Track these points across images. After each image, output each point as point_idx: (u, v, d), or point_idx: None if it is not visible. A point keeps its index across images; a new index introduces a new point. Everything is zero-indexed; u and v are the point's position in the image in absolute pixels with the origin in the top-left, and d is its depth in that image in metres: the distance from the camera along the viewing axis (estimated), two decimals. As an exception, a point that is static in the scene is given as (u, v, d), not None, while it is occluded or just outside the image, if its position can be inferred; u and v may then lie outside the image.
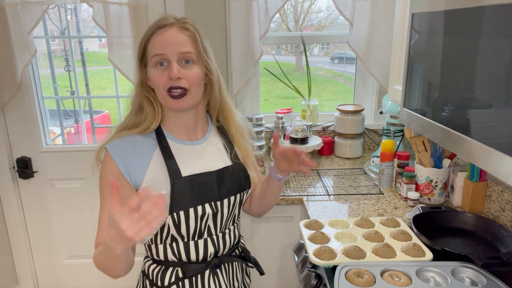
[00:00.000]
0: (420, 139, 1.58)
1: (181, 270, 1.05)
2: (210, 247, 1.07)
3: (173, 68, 0.96)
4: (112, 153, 0.99)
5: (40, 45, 2.18)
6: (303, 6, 2.43)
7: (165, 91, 0.98)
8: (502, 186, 1.42)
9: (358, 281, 1.01)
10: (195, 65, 1.00)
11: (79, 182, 2.26)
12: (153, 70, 0.99)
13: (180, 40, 0.97)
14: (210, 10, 2.11)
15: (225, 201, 1.08)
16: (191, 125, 1.08)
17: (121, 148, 1.00)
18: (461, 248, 1.23)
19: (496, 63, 0.85)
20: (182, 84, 0.98)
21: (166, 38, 0.97)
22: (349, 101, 2.41)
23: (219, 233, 1.09)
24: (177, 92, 0.98)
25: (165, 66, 0.98)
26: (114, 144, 1.01)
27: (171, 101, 0.99)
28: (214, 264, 1.07)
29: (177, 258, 1.06)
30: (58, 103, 2.33)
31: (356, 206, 1.62)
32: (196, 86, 1.01)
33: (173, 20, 0.99)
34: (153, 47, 0.98)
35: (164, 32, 0.98)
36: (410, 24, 1.26)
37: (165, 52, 0.96)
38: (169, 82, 0.97)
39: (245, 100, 2.31)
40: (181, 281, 1.06)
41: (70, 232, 2.35)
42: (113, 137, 1.02)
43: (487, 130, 0.90)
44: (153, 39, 0.98)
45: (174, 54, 0.97)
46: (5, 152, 2.17)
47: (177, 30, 0.98)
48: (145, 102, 1.04)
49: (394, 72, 1.55)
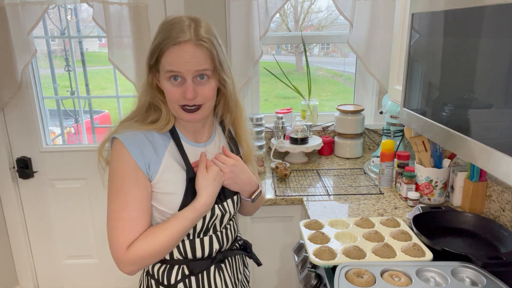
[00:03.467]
0: (420, 139, 1.58)
1: (187, 268, 1.06)
2: (215, 243, 1.08)
3: (189, 89, 0.94)
4: (128, 146, 0.96)
5: (40, 45, 2.18)
6: (303, 6, 2.43)
7: (178, 105, 0.98)
8: (502, 186, 1.42)
9: (358, 281, 1.01)
10: (210, 80, 0.98)
11: (79, 182, 2.26)
12: (166, 83, 0.97)
13: (196, 59, 0.94)
14: (210, 10, 2.11)
15: (229, 201, 1.10)
16: (199, 129, 1.09)
17: (136, 141, 0.98)
18: (461, 248, 1.22)
19: (496, 63, 0.85)
20: (197, 102, 0.97)
21: (182, 57, 0.93)
22: (349, 101, 2.41)
23: (223, 229, 1.11)
24: (191, 108, 0.98)
25: (179, 82, 0.96)
26: (128, 136, 0.98)
27: (183, 114, 0.99)
28: (219, 259, 1.09)
29: (182, 256, 1.06)
30: (58, 103, 2.33)
31: (356, 206, 1.62)
32: (210, 100, 1.01)
33: (189, 35, 0.93)
34: (168, 63, 0.94)
35: (180, 50, 0.93)
36: (410, 24, 1.26)
37: (180, 70, 0.94)
38: (184, 100, 0.96)
39: (245, 100, 2.31)
40: (188, 278, 1.06)
41: (70, 232, 2.35)
42: (124, 127, 1.00)
43: (487, 130, 0.90)
44: (168, 55, 0.94)
45: (190, 73, 0.94)
46: (5, 152, 2.17)
47: (194, 48, 0.93)
48: (160, 103, 1.02)
49: (394, 72, 1.55)
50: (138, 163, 0.96)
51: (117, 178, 0.97)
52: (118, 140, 0.97)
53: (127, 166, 0.96)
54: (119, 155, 0.97)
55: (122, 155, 0.97)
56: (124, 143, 0.96)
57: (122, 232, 0.95)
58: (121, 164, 0.97)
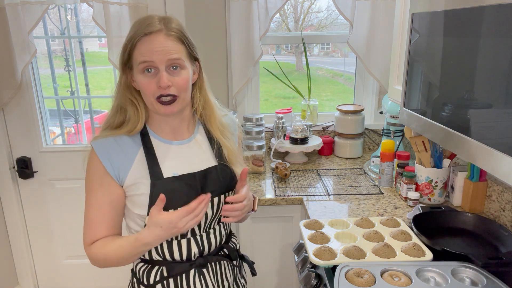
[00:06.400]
0: (420, 139, 1.58)
1: (165, 269, 1.06)
2: (193, 246, 1.07)
3: (163, 77, 0.95)
4: (97, 151, 1.01)
5: (40, 45, 2.18)
6: (303, 6, 2.43)
7: (153, 98, 0.98)
8: (502, 186, 1.42)
9: (358, 281, 1.01)
10: (183, 70, 1.00)
11: (79, 182, 2.26)
12: (140, 76, 0.98)
13: (168, 47, 0.96)
14: (210, 10, 2.11)
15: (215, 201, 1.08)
16: (176, 125, 1.09)
17: (105, 147, 1.02)
18: (461, 248, 1.23)
19: (496, 63, 0.85)
20: (172, 92, 0.98)
21: (154, 46, 0.95)
22: (349, 101, 2.41)
23: (203, 233, 1.09)
24: (167, 99, 0.98)
25: (153, 73, 0.97)
26: (99, 142, 1.02)
27: (160, 107, 0.99)
28: (199, 264, 1.08)
29: (161, 257, 1.07)
30: (58, 103, 2.33)
31: (356, 206, 1.62)
32: (185, 91, 1.01)
33: (159, 26, 0.96)
34: (140, 54, 0.96)
35: (151, 40, 0.96)
36: (410, 24, 1.26)
37: (153, 59, 0.95)
38: (159, 90, 0.97)
39: (245, 100, 2.31)
40: (166, 280, 1.06)
41: (70, 232, 2.35)
42: (97, 137, 1.05)
43: (487, 130, 0.90)
44: (140, 46, 0.96)
45: (163, 62, 0.96)
46: (5, 152, 2.17)
47: (165, 37, 0.96)
48: (128, 104, 1.04)
49: (394, 72, 1.55)
50: (107, 167, 1.01)
51: (87, 181, 1.05)
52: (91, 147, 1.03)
53: (94, 171, 1.03)
54: (90, 159, 1.04)
55: (92, 160, 1.03)
56: (94, 149, 1.02)
57: (87, 230, 1.05)
58: (90, 168, 1.04)
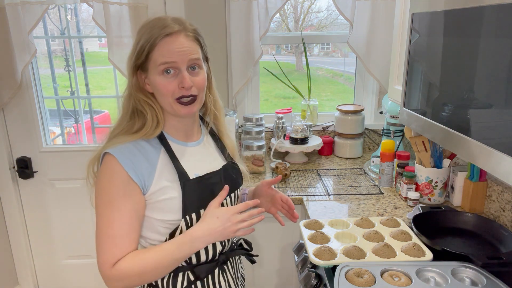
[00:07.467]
0: (420, 139, 1.58)
1: (192, 273, 1.04)
2: (218, 245, 1.08)
3: (186, 78, 0.96)
4: (120, 159, 0.94)
5: (40, 45, 2.18)
6: (303, 6, 2.43)
7: (173, 99, 0.97)
8: (502, 186, 1.42)
9: (358, 281, 1.01)
10: (201, 70, 1.01)
11: (79, 182, 2.26)
12: (160, 78, 0.96)
13: (189, 48, 0.97)
14: (210, 10, 2.11)
15: (228, 199, 1.11)
16: (189, 127, 1.09)
17: (127, 154, 0.96)
18: (461, 248, 1.23)
19: (496, 63, 0.85)
20: (193, 92, 0.98)
21: (175, 46, 0.95)
22: (349, 101, 2.41)
23: None
24: (187, 100, 0.98)
25: (173, 74, 0.96)
26: (119, 149, 0.96)
27: (180, 108, 0.98)
28: (222, 261, 1.09)
29: (186, 262, 1.05)
30: (58, 103, 2.33)
31: (356, 206, 1.62)
32: (203, 90, 1.02)
33: (178, 27, 0.96)
34: (161, 55, 0.95)
35: (172, 41, 0.95)
36: (410, 24, 1.26)
37: (175, 60, 0.95)
38: (180, 91, 0.96)
39: (245, 100, 2.31)
40: (194, 284, 1.05)
41: (70, 232, 2.35)
42: (113, 143, 0.98)
43: (487, 130, 0.90)
44: (161, 47, 0.95)
45: (184, 62, 0.96)
46: (5, 152, 2.17)
47: (184, 37, 0.97)
48: (145, 107, 1.01)
49: (394, 72, 1.55)
50: (130, 174, 0.94)
51: (106, 192, 0.95)
52: (109, 154, 0.95)
53: (117, 179, 0.94)
54: (109, 167, 0.95)
55: (112, 168, 0.94)
56: (115, 156, 0.94)
57: (109, 249, 0.93)
58: (111, 177, 0.94)
